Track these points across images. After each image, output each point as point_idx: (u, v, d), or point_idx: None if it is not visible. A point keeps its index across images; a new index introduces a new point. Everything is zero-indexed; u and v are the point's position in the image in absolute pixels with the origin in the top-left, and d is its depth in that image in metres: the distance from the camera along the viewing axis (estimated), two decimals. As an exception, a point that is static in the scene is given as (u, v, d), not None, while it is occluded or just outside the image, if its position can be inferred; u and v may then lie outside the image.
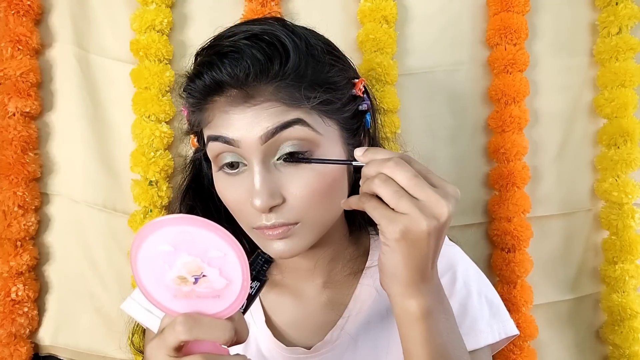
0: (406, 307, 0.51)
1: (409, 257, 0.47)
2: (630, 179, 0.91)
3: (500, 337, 0.65)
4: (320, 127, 0.55)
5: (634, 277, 0.91)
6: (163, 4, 0.86)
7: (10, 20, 0.84)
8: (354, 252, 0.68)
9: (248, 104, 0.53)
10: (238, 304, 0.43)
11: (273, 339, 0.66)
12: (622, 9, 0.90)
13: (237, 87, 0.52)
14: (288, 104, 0.53)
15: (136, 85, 0.86)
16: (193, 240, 0.40)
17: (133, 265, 0.42)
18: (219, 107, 0.54)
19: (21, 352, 0.86)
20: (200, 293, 0.42)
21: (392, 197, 0.46)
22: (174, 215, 0.40)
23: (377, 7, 0.87)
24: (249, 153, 0.54)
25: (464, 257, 0.70)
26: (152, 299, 0.44)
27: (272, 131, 0.52)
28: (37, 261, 0.89)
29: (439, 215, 0.46)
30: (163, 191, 0.86)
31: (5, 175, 0.85)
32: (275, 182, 0.54)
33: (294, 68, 0.53)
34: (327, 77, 0.55)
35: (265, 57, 0.52)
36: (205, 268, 0.41)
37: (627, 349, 0.92)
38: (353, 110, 0.59)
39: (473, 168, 0.95)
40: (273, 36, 0.53)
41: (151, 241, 0.41)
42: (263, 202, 0.52)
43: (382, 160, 0.48)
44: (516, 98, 0.90)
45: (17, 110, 0.85)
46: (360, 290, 0.67)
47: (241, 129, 0.53)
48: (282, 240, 0.56)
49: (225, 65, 0.52)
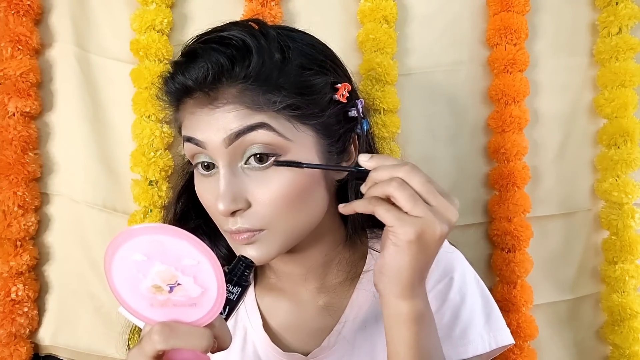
0: (399, 309, 0.51)
1: (416, 259, 0.48)
2: (630, 179, 0.91)
3: (491, 347, 0.64)
4: (290, 133, 0.54)
5: (634, 277, 0.92)
6: (163, 4, 0.86)
7: (10, 20, 0.84)
8: (349, 257, 0.67)
9: (212, 106, 0.53)
10: (215, 311, 0.42)
11: (270, 344, 0.65)
12: (622, 9, 0.90)
13: (200, 90, 0.53)
14: (251, 107, 0.53)
15: (136, 85, 0.86)
16: (165, 249, 0.40)
17: (108, 276, 0.42)
18: (187, 109, 0.56)
19: (21, 352, 0.86)
20: (176, 301, 0.42)
21: (408, 200, 0.47)
22: (144, 225, 0.40)
23: (377, 7, 0.87)
24: (216, 155, 0.54)
25: (462, 263, 0.69)
26: (130, 308, 0.44)
27: (235, 134, 0.52)
28: (37, 261, 0.89)
29: (449, 220, 0.48)
30: (163, 191, 0.86)
31: (5, 175, 0.85)
32: (239, 186, 0.54)
33: (256, 70, 0.52)
34: (297, 80, 0.55)
35: (227, 59, 0.52)
36: (180, 276, 0.41)
37: (627, 349, 0.92)
38: (336, 116, 0.58)
39: (473, 168, 0.95)
40: (238, 39, 0.53)
41: (124, 251, 0.40)
42: (225, 205, 0.53)
43: (396, 166, 0.49)
44: (516, 98, 0.90)
45: (17, 110, 0.85)
46: (357, 295, 0.66)
47: (206, 131, 0.54)
48: (250, 246, 0.56)
49: (189, 69, 0.54)
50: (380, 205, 0.49)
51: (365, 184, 0.52)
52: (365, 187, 0.52)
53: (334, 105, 0.58)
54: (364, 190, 0.52)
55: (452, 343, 0.63)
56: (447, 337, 0.63)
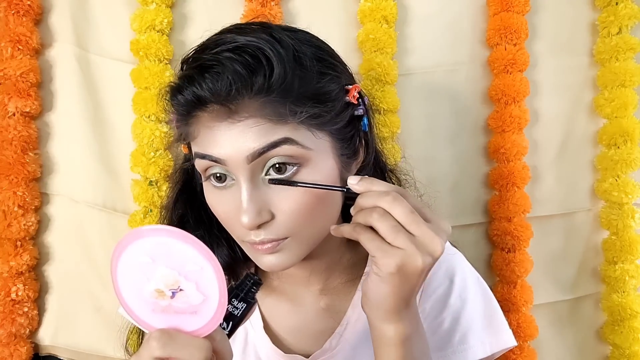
0: (385, 332, 0.51)
1: (399, 288, 0.48)
2: (630, 179, 0.91)
3: (492, 351, 0.64)
4: (310, 142, 0.52)
5: (634, 277, 0.92)
6: (163, 4, 0.86)
7: (10, 20, 0.84)
8: (351, 259, 0.67)
9: (232, 120, 0.51)
10: (215, 321, 0.42)
11: (272, 345, 0.65)
12: (622, 9, 0.90)
13: (219, 103, 0.50)
14: (274, 120, 0.50)
15: (136, 85, 0.86)
16: (170, 252, 0.40)
17: (113, 277, 0.42)
18: (203, 123, 0.52)
19: (21, 352, 0.86)
20: (177, 308, 0.42)
21: (390, 232, 0.47)
22: (152, 226, 0.40)
23: (377, 7, 0.87)
24: (236, 171, 0.52)
25: (463, 266, 0.68)
26: (132, 312, 0.43)
27: (259, 151, 0.51)
28: (37, 261, 0.89)
29: (433, 252, 0.47)
30: (163, 191, 0.86)
31: (5, 175, 0.85)
32: (263, 198, 0.52)
33: (279, 82, 0.50)
34: (316, 88, 0.53)
35: (247, 71, 0.49)
36: (182, 281, 0.40)
37: (627, 349, 0.92)
38: (347, 118, 0.57)
39: (473, 168, 0.95)
40: (256, 48, 0.50)
41: (130, 252, 0.40)
42: (250, 220, 0.51)
43: (380, 194, 0.49)
44: (516, 98, 0.90)
45: (17, 110, 0.85)
46: (359, 298, 0.65)
47: (227, 147, 0.51)
48: (272, 254, 0.55)
49: (206, 80, 0.50)
50: (364, 233, 0.49)
51: (354, 207, 0.51)
52: (353, 210, 0.51)
53: (346, 107, 0.57)
54: (353, 214, 0.51)
55: (453, 349, 0.63)
56: (448, 343, 0.63)
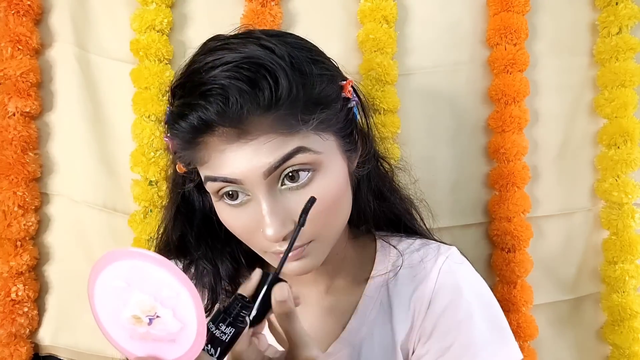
0: None
1: None
2: (630, 179, 0.91)
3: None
4: (319, 145, 0.53)
5: (634, 277, 0.91)
6: (163, 4, 0.86)
7: (10, 20, 0.84)
8: (357, 259, 0.67)
9: (244, 140, 0.50)
10: (195, 351, 0.40)
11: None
12: (622, 9, 0.90)
13: (229, 125, 0.49)
14: (285, 133, 0.50)
15: (136, 85, 0.86)
16: (145, 277, 0.38)
17: (91, 302, 0.41)
18: (213, 147, 0.51)
19: (21, 352, 0.86)
20: (155, 336, 0.40)
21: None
22: (126, 249, 0.38)
23: (377, 7, 0.87)
24: (252, 187, 0.52)
25: (469, 280, 0.66)
26: (110, 337, 0.42)
27: (275, 166, 0.50)
28: (37, 261, 0.89)
29: None
30: (163, 191, 0.86)
31: (5, 175, 0.85)
32: (283, 209, 0.52)
33: (286, 94, 0.49)
34: (319, 92, 0.52)
35: (252, 88, 0.48)
36: (159, 308, 0.39)
37: (627, 349, 0.92)
38: (345, 114, 0.57)
39: (473, 168, 0.95)
40: (253, 63, 0.49)
41: (106, 275, 0.39)
42: (276, 233, 0.51)
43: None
44: (516, 98, 0.90)
45: (17, 110, 0.85)
46: (364, 301, 0.65)
47: (241, 167, 0.50)
48: (298, 260, 0.55)
49: (212, 105, 0.48)
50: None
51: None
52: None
53: (344, 103, 0.57)
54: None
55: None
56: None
